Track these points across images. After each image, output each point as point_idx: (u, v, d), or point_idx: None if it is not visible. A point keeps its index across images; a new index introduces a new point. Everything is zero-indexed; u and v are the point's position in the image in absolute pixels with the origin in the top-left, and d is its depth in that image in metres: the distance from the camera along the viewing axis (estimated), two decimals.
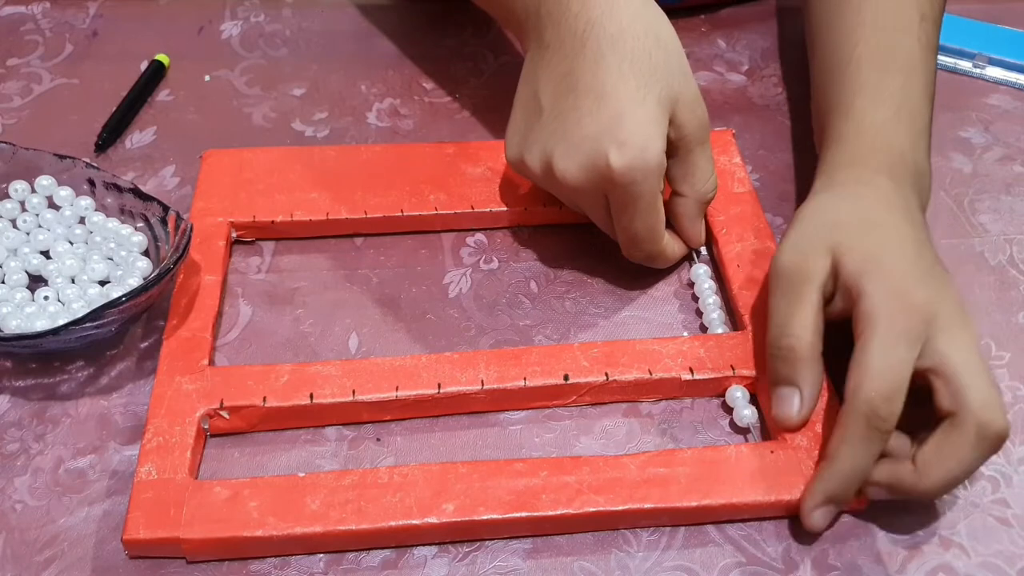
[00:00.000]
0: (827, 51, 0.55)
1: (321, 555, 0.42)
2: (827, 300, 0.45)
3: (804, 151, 0.58)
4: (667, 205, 0.51)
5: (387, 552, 0.42)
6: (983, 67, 0.67)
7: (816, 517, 0.42)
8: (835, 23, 0.55)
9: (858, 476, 0.41)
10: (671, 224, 0.52)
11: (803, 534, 0.43)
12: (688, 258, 0.53)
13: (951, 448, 0.40)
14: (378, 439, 0.46)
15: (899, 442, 0.42)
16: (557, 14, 0.47)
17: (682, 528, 0.43)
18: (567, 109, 0.46)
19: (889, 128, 0.49)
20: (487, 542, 0.42)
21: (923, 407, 0.41)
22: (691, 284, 0.52)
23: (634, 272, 0.53)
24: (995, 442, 0.40)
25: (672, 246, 0.52)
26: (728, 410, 0.47)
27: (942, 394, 0.41)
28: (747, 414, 0.45)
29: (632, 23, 0.46)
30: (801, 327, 0.43)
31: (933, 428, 0.41)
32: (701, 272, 0.52)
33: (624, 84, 0.45)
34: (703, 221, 0.52)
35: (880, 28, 0.53)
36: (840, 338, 0.44)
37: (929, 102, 0.52)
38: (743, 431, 0.46)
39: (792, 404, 0.44)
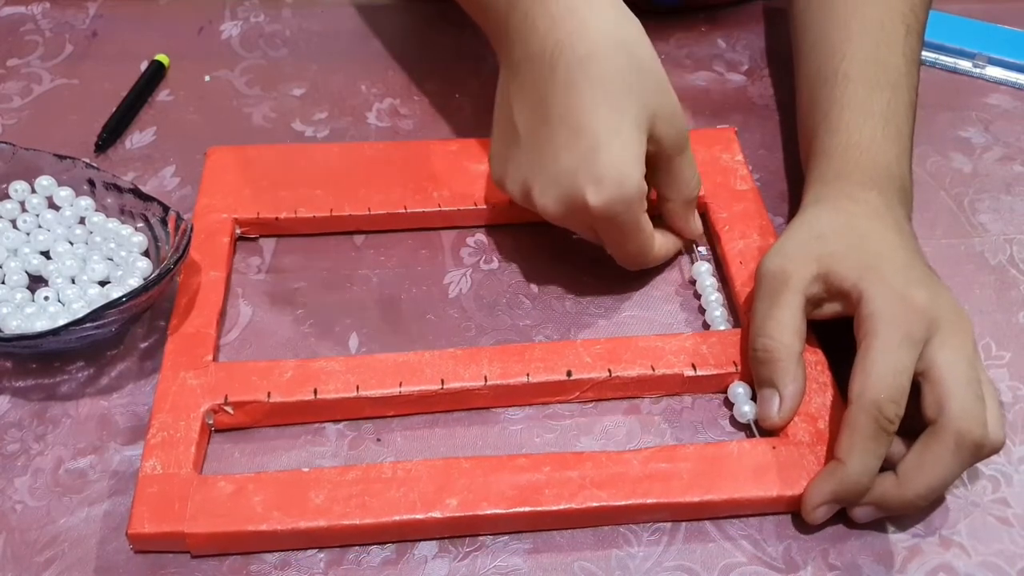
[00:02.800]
0: (814, 65, 0.55)
1: (322, 556, 0.42)
2: (816, 304, 0.45)
3: None
4: (656, 209, 0.51)
5: (387, 552, 0.42)
6: (983, 67, 0.67)
7: (820, 513, 0.42)
8: (822, 37, 0.55)
9: (869, 477, 0.41)
10: (664, 225, 0.52)
11: (804, 534, 0.43)
12: (690, 257, 0.54)
13: (931, 457, 0.40)
14: (378, 439, 0.46)
15: (895, 448, 0.42)
16: (525, 31, 0.46)
17: (683, 527, 0.43)
18: (543, 141, 0.46)
19: (876, 144, 0.49)
20: (487, 542, 0.42)
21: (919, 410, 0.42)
22: (692, 282, 0.53)
23: (634, 273, 0.53)
24: (973, 451, 0.40)
25: (665, 246, 0.52)
26: (730, 407, 0.47)
27: (928, 400, 0.41)
28: (747, 410, 0.46)
29: (603, 42, 0.44)
30: (777, 329, 0.44)
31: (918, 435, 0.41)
32: (703, 270, 0.52)
33: (598, 114, 0.44)
34: (696, 214, 0.52)
35: (867, 43, 0.53)
36: (844, 339, 0.44)
37: (912, 116, 0.52)
38: (744, 427, 0.46)
39: (772, 405, 0.44)
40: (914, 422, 0.42)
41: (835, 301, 0.45)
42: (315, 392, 0.45)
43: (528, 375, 0.46)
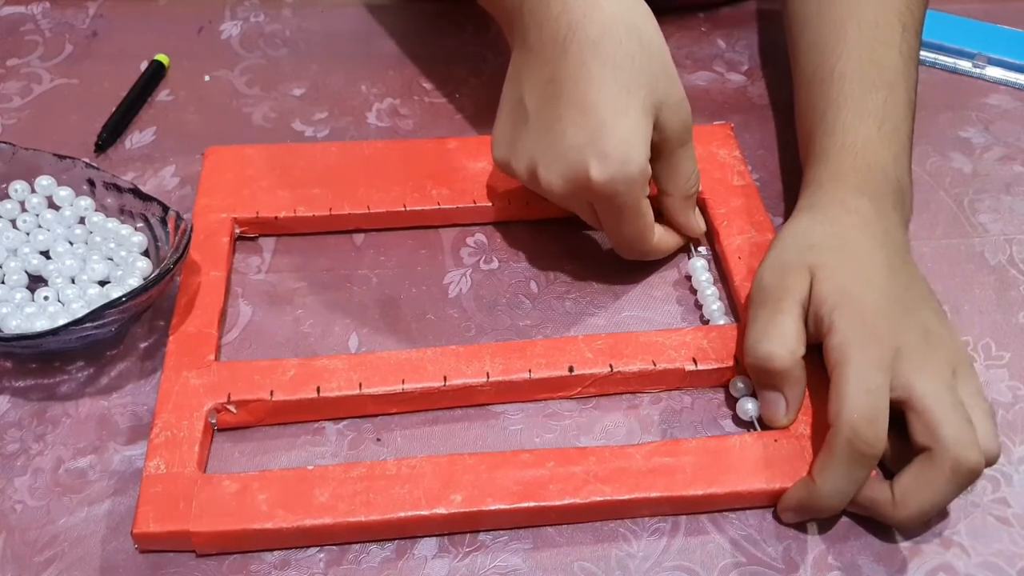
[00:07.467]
0: (810, 65, 0.55)
1: (321, 555, 0.42)
2: (805, 317, 0.45)
3: None
4: (656, 203, 0.51)
5: (387, 551, 0.42)
6: (983, 67, 0.67)
7: (788, 516, 0.43)
8: (818, 37, 0.55)
9: (839, 499, 0.41)
10: (663, 220, 0.52)
11: (804, 533, 0.43)
12: (687, 252, 0.54)
13: (927, 482, 0.41)
14: (378, 439, 0.46)
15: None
16: (539, 14, 0.47)
17: (682, 527, 0.43)
18: (552, 118, 0.46)
19: (872, 145, 0.49)
20: (487, 541, 0.42)
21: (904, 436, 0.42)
22: (688, 278, 0.53)
23: (634, 272, 0.53)
24: (969, 476, 0.40)
25: (665, 239, 0.52)
26: (731, 403, 0.47)
27: (916, 428, 0.41)
28: (749, 407, 0.46)
29: (614, 25, 0.45)
30: (779, 336, 0.44)
31: (910, 458, 0.42)
32: (699, 266, 0.52)
33: (607, 93, 0.45)
34: (696, 211, 0.52)
35: (863, 41, 0.53)
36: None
37: (911, 114, 0.52)
38: (746, 424, 0.46)
39: (778, 407, 0.45)
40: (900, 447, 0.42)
41: (811, 320, 0.44)
42: (318, 390, 0.45)
43: (530, 371, 0.46)
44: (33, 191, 0.53)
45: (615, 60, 0.45)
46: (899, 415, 0.42)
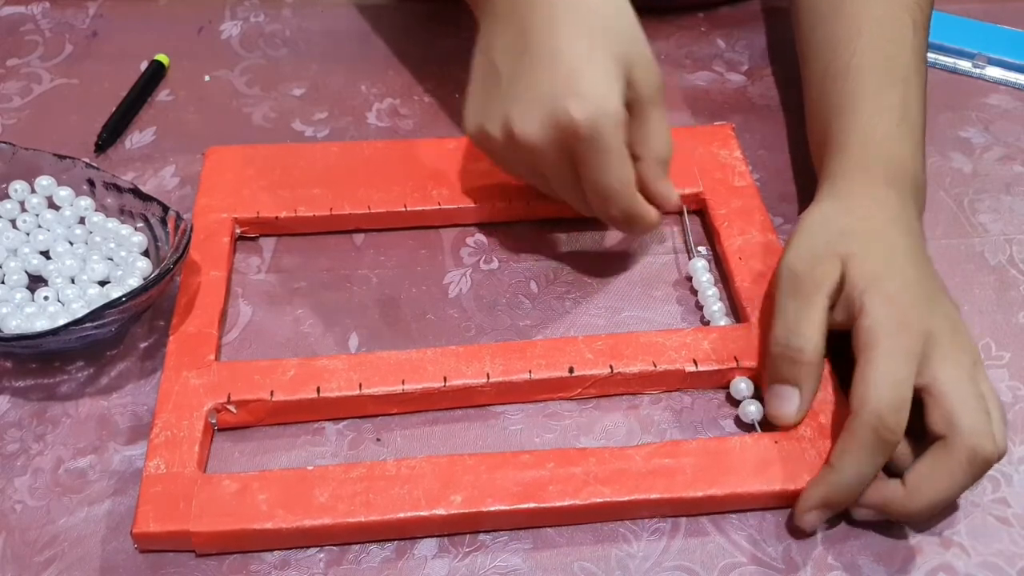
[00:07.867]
0: (822, 62, 0.55)
1: (321, 555, 0.42)
2: (830, 308, 0.45)
3: (804, 151, 0.58)
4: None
5: (387, 552, 0.42)
6: (983, 67, 0.67)
7: (810, 518, 0.42)
8: (830, 33, 0.55)
9: (860, 485, 0.41)
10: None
11: (803, 533, 0.43)
12: (688, 252, 0.54)
13: (941, 470, 0.41)
14: (378, 439, 0.46)
15: (902, 449, 0.42)
16: None
17: (682, 528, 0.43)
18: (523, 71, 0.46)
19: (892, 140, 0.49)
20: (487, 542, 0.42)
21: (919, 422, 0.42)
22: (689, 278, 0.53)
23: (634, 272, 0.53)
24: (983, 467, 0.41)
25: (650, 209, 0.49)
26: (730, 404, 0.47)
27: (934, 416, 0.41)
28: (752, 411, 0.46)
29: None
30: (811, 330, 0.44)
31: (925, 446, 0.41)
32: (699, 266, 0.52)
33: (578, 43, 0.45)
34: (669, 180, 0.50)
35: (876, 38, 0.53)
36: (845, 339, 0.44)
37: (923, 110, 0.52)
38: (747, 426, 0.46)
39: (792, 403, 0.44)
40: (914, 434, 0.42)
41: (841, 306, 0.44)
42: (318, 390, 0.45)
43: (530, 372, 0.46)
44: (33, 191, 0.53)
45: (585, 17, 0.46)
46: (913, 403, 0.41)
